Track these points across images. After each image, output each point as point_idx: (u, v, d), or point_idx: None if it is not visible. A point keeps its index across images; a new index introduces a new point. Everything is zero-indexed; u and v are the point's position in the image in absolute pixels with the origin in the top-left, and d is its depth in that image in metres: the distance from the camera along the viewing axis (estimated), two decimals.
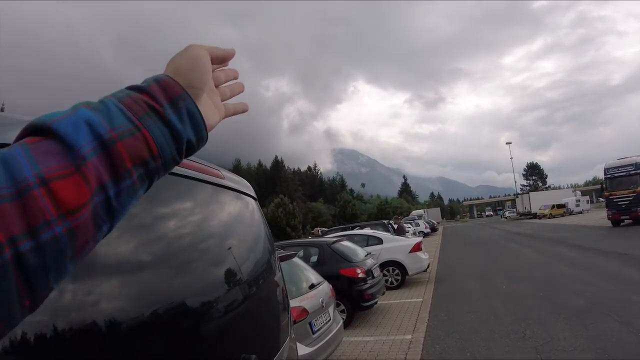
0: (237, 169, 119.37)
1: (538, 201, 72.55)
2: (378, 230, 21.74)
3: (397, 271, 13.90)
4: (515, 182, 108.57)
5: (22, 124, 0.61)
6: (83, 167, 0.56)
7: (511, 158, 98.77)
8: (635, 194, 29.11)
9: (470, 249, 26.40)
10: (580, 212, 65.54)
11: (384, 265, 13.65)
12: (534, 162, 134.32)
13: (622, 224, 30.50)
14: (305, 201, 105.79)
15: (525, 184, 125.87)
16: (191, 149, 0.72)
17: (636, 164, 29.79)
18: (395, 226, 20.11)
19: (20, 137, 0.59)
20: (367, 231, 16.01)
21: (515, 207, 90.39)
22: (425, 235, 47.50)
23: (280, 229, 25.65)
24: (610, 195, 30.51)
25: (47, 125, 0.58)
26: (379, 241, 14.44)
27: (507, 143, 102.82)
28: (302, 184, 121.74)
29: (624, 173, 29.84)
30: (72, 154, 0.57)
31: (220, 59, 0.82)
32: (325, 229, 26.75)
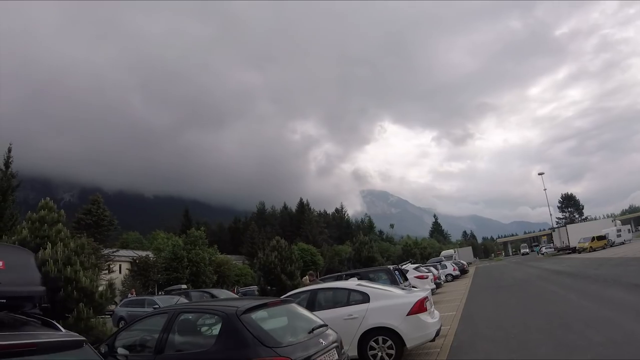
0: (260, 212, 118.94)
1: (576, 234, 67.27)
2: (380, 277, 17.79)
3: (389, 342, 9.60)
4: (551, 215, 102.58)
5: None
6: None
7: (544, 189, 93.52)
8: None
9: (503, 295, 22.07)
10: (622, 243, 61.88)
11: (369, 334, 9.74)
12: (569, 193, 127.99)
13: None
14: (331, 244, 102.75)
15: (561, 217, 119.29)
16: None
17: None
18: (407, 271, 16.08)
19: None
20: (349, 284, 11.73)
21: (552, 242, 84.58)
22: (454, 278, 43.50)
23: (275, 275, 21.91)
24: None
25: None
26: (364, 298, 10.37)
27: (539, 174, 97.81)
28: (328, 226, 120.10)
29: None
30: None
31: None
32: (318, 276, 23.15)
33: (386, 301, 10.26)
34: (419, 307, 9.85)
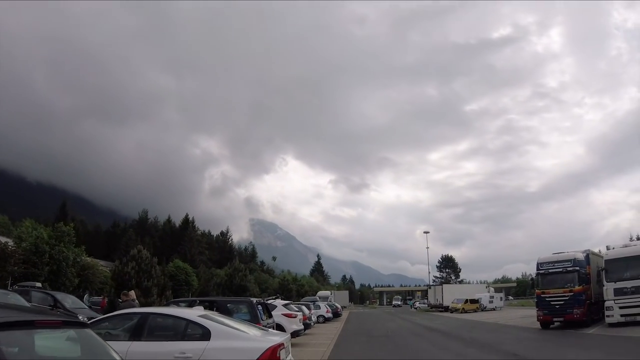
0: (142, 221, 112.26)
1: (451, 294, 68.40)
2: (240, 310, 15.00)
3: None
4: (429, 272, 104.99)
5: None
6: None
7: (427, 247, 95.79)
8: (572, 294, 24.60)
9: (374, 347, 19.93)
10: (493, 309, 63.22)
11: None
12: (449, 255, 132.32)
13: (551, 326, 26.07)
14: (210, 266, 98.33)
15: (438, 276, 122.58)
16: None
17: (574, 259, 25.63)
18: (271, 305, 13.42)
19: None
20: (190, 313, 8.84)
21: (427, 298, 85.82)
22: (326, 320, 41.49)
23: (129, 289, 18.52)
24: (543, 293, 25.89)
25: None
26: (204, 334, 7.60)
27: (424, 232, 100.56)
28: (210, 248, 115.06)
29: (560, 269, 25.68)
30: None
31: None
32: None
33: (231, 342, 7.49)
34: (270, 355, 7.14)
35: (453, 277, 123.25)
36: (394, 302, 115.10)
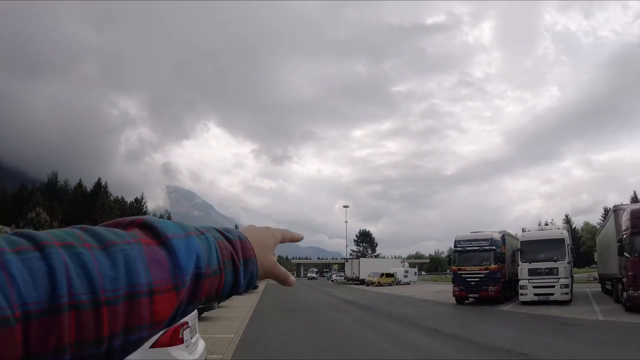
0: (51, 184, 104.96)
1: (367, 268, 69.44)
2: None
3: None
4: (347, 246, 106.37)
5: None
6: (181, 289, 0.67)
7: (346, 222, 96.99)
8: (487, 271, 25.02)
9: (292, 320, 19.28)
10: (408, 283, 64.76)
11: None
12: (366, 230, 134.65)
13: (466, 302, 26.65)
14: None
15: (355, 250, 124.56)
16: (230, 294, 0.83)
17: (491, 239, 26.03)
18: None
19: (130, 225, 0.69)
20: None
21: (344, 271, 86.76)
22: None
23: None
24: (459, 270, 26.21)
25: (165, 237, 0.69)
26: None
27: (344, 206, 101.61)
28: (123, 215, 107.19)
29: (477, 248, 25.97)
30: (177, 275, 0.67)
31: (290, 240, 1.02)
32: None
33: None
34: (171, 337, 6.12)
35: (369, 252, 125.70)
36: (308, 275, 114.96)
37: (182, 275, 0.67)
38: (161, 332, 2.70)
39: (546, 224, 58.45)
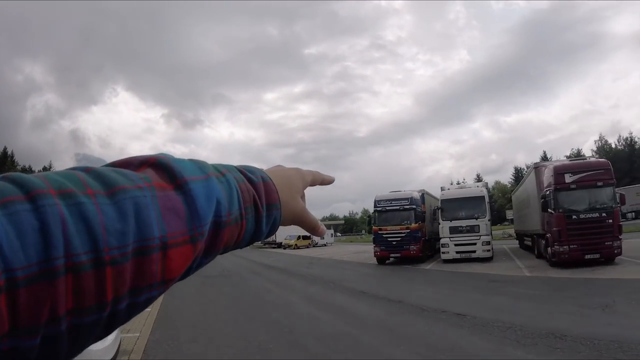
0: None
1: (283, 231, 68.48)
2: None
3: None
4: None
5: None
6: (198, 241, 0.56)
7: None
8: (408, 231, 24.69)
9: (211, 289, 17.88)
10: (325, 245, 65.10)
11: None
12: None
13: (387, 261, 26.41)
14: None
15: None
16: (250, 243, 0.72)
17: (411, 198, 25.68)
18: None
19: (142, 165, 0.58)
20: None
21: None
22: None
23: None
24: (380, 230, 25.70)
25: (183, 180, 0.57)
26: None
27: None
28: None
29: (398, 207, 25.50)
30: (194, 225, 0.56)
31: (320, 182, 0.93)
32: None
33: None
34: None
35: None
36: None
37: (200, 225, 0.56)
38: None
39: (458, 183, 60.19)
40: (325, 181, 0.94)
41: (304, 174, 0.84)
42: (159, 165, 0.57)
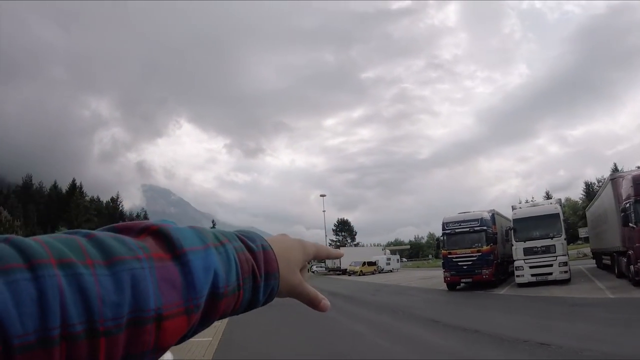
0: (26, 187, 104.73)
1: (348, 257, 67.96)
2: None
3: None
4: (326, 236, 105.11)
5: None
6: (193, 314, 0.57)
7: (324, 211, 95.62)
8: (480, 254, 23.57)
9: (275, 317, 17.54)
10: (390, 271, 63.49)
11: None
12: (345, 219, 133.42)
13: (458, 287, 25.16)
14: None
15: (334, 240, 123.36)
16: (246, 310, 0.72)
17: (481, 219, 24.58)
18: None
19: (143, 232, 0.58)
20: None
21: (324, 262, 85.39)
22: None
23: None
24: (450, 254, 24.69)
25: (181, 251, 0.57)
26: None
27: (321, 195, 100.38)
28: (99, 215, 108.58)
29: (467, 229, 24.48)
30: (190, 297, 0.57)
31: (326, 256, 0.92)
32: None
33: None
34: None
35: (349, 241, 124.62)
36: None
37: (196, 297, 0.57)
38: None
39: (526, 202, 57.89)
40: (332, 255, 0.93)
41: (306, 246, 0.82)
42: (160, 234, 0.58)
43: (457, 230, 24.74)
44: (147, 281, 0.52)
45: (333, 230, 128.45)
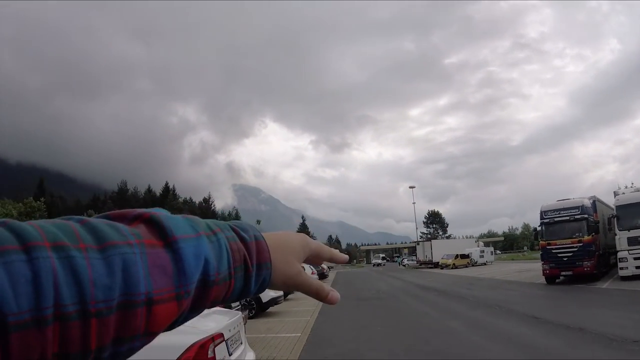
0: (122, 192, 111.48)
1: (440, 250, 66.79)
2: None
3: None
4: (417, 228, 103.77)
5: None
6: (183, 299, 0.58)
7: (414, 203, 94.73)
8: (581, 244, 22.21)
9: (365, 312, 17.48)
10: (484, 264, 61.69)
11: None
12: (435, 211, 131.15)
13: (557, 280, 23.85)
14: None
15: (425, 232, 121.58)
16: (238, 300, 0.73)
17: (582, 206, 23.11)
18: None
19: (136, 219, 0.60)
20: None
21: (416, 255, 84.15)
22: None
23: None
24: (549, 244, 23.48)
25: (172, 239, 0.59)
26: None
27: (410, 187, 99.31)
28: (193, 214, 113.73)
29: (567, 217, 23.08)
30: (181, 284, 0.58)
31: (329, 258, 0.88)
32: None
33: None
34: (195, 357, 4.37)
35: (440, 233, 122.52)
36: (373, 261, 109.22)
37: (187, 284, 0.58)
38: (184, 350, 3.97)
39: (626, 187, 54.07)
40: (336, 257, 0.89)
41: (308, 241, 0.81)
42: (152, 221, 0.59)
43: (556, 219, 23.44)
44: (138, 266, 0.53)
45: (424, 222, 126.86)
